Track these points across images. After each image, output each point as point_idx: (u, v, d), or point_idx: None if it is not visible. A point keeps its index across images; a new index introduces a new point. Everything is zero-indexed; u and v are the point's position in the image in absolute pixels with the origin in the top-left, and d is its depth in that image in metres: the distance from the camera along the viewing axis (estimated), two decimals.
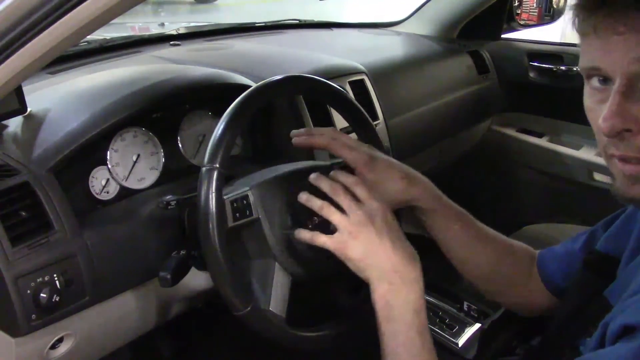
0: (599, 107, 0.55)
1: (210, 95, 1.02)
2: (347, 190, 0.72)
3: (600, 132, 0.55)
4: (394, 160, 0.81)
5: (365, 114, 0.91)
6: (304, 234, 0.72)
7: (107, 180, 0.89)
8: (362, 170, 0.77)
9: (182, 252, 0.80)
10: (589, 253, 0.72)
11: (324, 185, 0.73)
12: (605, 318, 0.54)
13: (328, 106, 1.14)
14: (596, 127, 0.56)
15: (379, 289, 0.67)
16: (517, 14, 1.82)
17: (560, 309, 0.73)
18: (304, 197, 0.74)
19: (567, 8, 1.85)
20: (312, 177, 0.76)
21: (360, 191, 0.71)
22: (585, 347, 0.56)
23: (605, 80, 0.54)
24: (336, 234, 0.69)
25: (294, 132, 0.82)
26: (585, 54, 0.55)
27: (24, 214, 0.72)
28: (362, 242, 0.68)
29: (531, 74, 1.80)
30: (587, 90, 0.57)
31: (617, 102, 0.52)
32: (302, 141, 0.80)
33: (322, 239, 0.70)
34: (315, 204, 0.72)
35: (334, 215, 0.70)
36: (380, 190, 0.76)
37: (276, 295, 0.77)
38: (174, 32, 1.53)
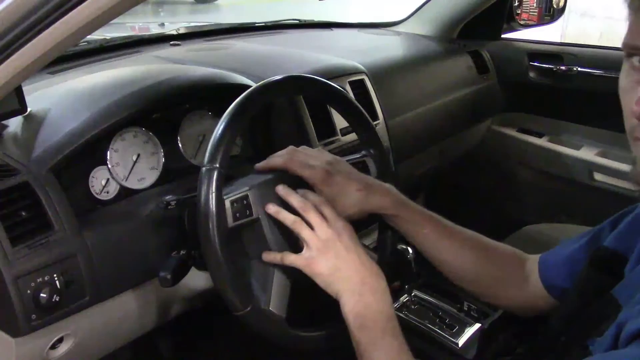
0: (635, 88, 0.53)
1: (210, 95, 1.02)
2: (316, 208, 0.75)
3: (631, 114, 0.53)
4: (354, 173, 0.84)
5: (365, 114, 0.91)
6: (272, 257, 0.75)
7: (107, 180, 0.89)
8: (320, 187, 0.81)
9: (182, 252, 0.80)
10: (597, 250, 0.72)
11: (294, 200, 0.76)
12: (618, 318, 0.53)
13: (328, 106, 1.14)
14: (628, 108, 0.54)
15: (350, 301, 0.70)
16: (517, 14, 1.82)
17: (564, 307, 0.73)
18: (273, 209, 0.76)
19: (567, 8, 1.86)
20: (281, 190, 0.77)
21: (327, 210, 0.75)
22: (596, 346, 0.56)
23: None
24: (305, 251, 0.73)
25: (258, 165, 0.85)
26: (631, 30, 0.54)
27: (24, 214, 0.72)
28: (331, 257, 0.71)
29: (531, 74, 1.80)
30: (625, 68, 0.56)
31: None
32: (262, 166, 0.83)
33: (290, 258, 0.73)
34: (288, 218, 0.74)
35: (305, 231, 0.73)
36: (339, 204, 0.80)
37: (276, 295, 0.77)
38: (174, 32, 1.53)
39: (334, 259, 0.72)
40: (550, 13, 1.84)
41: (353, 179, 0.83)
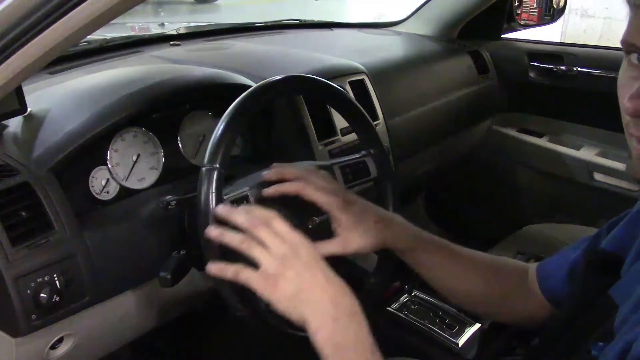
0: (630, 84, 0.54)
1: (210, 95, 1.02)
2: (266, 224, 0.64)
3: (624, 110, 0.54)
4: (369, 204, 0.80)
5: (366, 114, 0.91)
6: (220, 269, 0.65)
7: (107, 180, 0.89)
8: (338, 214, 0.76)
9: (182, 252, 0.80)
10: (594, 252, 0.72)
11: (239, 217, 0.65)
12: (625, 329, 0.53)
13: (328, 106, 1.14)
14: (622, 103, 0.55)
15: (322, 329, 0.59)
16: (517, 14, 1.82)
17: (563, 309, 0.73)
18: (214, 233, 0.66)
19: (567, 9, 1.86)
20: (220, 210, 0.68)
21: (279, 225, 0.64)
22: (600, 354, 0.56)
23: None
24: (260, 271, 0.62)
25: (265, 175, 0.78)
26: (631, 27, 0.54)
27: (24, 214, 0.72)
28: (290, 277, 0.61)
29: (531, 74, 1.80)
30: (624, 64, 0.56)
31: None
32: (272, 193, 0.77)
33: (245, 275, 0.62)
34: (233, 239, 0.64)
35: (255, 250, 0.62)
36: (354, 234, 0.76)
37: None
38: (174, 32, 1.53)
39: (293, 280, 0.60)
40: (550, 13, 1.84)
41: (370, 210, 0.78)
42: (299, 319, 0.61)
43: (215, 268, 0.65)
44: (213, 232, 0.65)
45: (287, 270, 0.61)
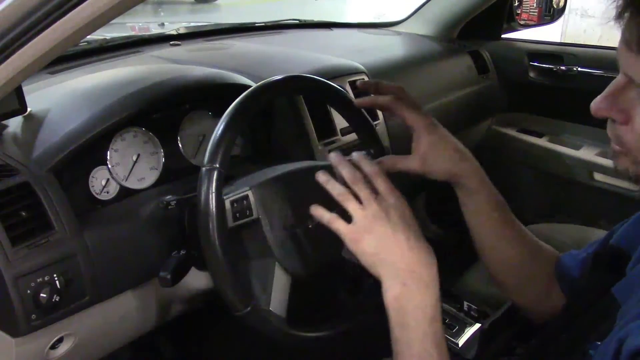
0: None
1: (210, 95, 1.02)
2: (367, 180, 0.68)
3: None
4: (449, 134, 0.80)
5: (365, 114, 0.91)
6: (323, 214, 0.68)
7: (107, 180, 0.89)
8: (421, 134, 0.77)
9: (182, 252, 0.80)
10: (602, 248, 0.72)
11: (345, 170, 0.68)
12: (617, 329, 0.53)
13: (328, 106, 1.14)
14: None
15: (391, 290, 0.63)
16: (517, 14, 1.82)
17: (567, 305, 0.73)
18: (323, 178, 0.68)
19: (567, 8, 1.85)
20: (333, 157, 0.70)
21: (381, 183, 0.67)
22: (597, 352, 0.55)
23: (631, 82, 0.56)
24: (351, 225, 0.65)
25: (360, 83, 0.80)
26: (623, 64, 0.56)
27: (24, 214, 0.72)
28: (375, 236, 0.64)
29: (531, 74, 1.80)
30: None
31: (609, 90, 0.56)
32: (365, 103, 0.80)
33: (337, 224, 0.66)
34: (334, 188, 0.67)
35: (351, 205, 0.66)
36: (434, 156, 0.77)
37: (276, 295, 0.78)
38: (174, 32, 1.53)
39: (377, 240, 0.64)
40: (550, 13, 1.84)
41: (451, 139, 0.78)
42: (376, 275, 0.65)
43: (315, 210, 0.68)
44: (322, 177, 0.69)
45: (373, 229, 0.64)
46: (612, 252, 0.69)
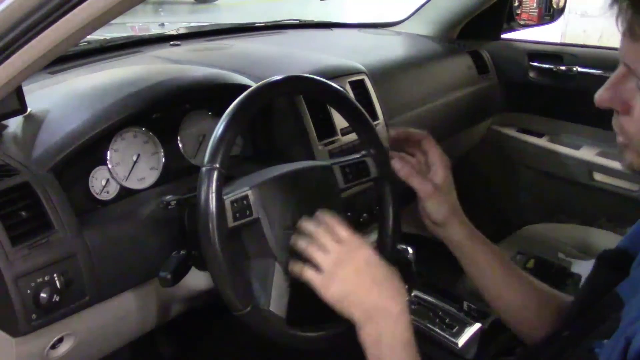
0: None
1: (210, 95, 1.02)
2: (330, 231, 0.73)
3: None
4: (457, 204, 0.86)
5: (366, 114, 0.91)
6: (293, 268, 0.74)
7: (107, 180, 0.89)
8: (441, 169, 0.83)
9: (182, 252, 0.80)
10: (606, 250, 0.72)
11: (309, 226, 0.75)
12: (623, 326, 0.53)
13: (328, 106, 1.14)
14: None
15: (364, 328, 0.68)
16: (517, 14, 1.82)
17: (572, 305, 0.73)
18: (292, 240, 0.76)
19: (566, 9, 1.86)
20: (300, 224, 0.77)
21: (341, 230, 0.73)
22: (604, 350, 0.55)
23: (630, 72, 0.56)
24: (319, 273, 0.71)
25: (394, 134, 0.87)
26: (625, 52, 0.57)
27: (24, 214, 0.72)
28: (340, 281, 0.69)
29: (531, 74, 1.80)
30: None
31: (611, 80, 0.57)
32: (400, 133, 0.87)
33: (307, 274, 0.71)
34: (301, 244, 0.73)
35: (316, 254, 0.71)
36: (443, 190, 0.82)
37: (276, 295, 0.77)
38: (174, 32, 1.53)
39: (342, 284, 0.69)
40: (550, 13, 1.84)
41: (457, 211, 0.84)
42: (348, 317, 0.69)
43: (291, 267, 0.74)
44: (293, 240, 0.75)
45: (337, 275, 0.69)
46: (616, 252, 0.69)
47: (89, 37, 1.23)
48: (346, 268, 0.69)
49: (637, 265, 0.63)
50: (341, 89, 0.92)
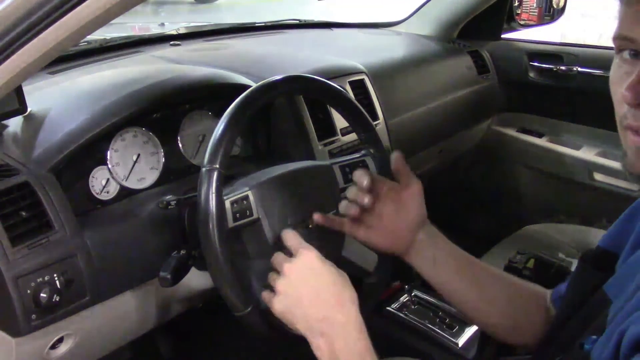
0: (623, 79, 0.54)
1: (210, 95, 1.02)
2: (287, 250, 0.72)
3: (621, 102, 0.54)
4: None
5: (365, 114, 0.91)
6: (264, 295, 0.72)
7: (107, 180, 0.89)
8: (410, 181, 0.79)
9: (182, 252, 0.80)
10: (590, 249, 0.72)
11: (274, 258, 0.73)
12: (614, 324, 0.53)
13: (328, 106, 1.14)
14: (618, 97, 0.55)
15: (314, 342, 0.65)
16: (517, 14, 1.82)
17: (559, 307, 0.73)
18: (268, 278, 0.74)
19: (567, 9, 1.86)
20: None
21: (290, 243, 0.71)
22: (596, 345, 0.55)
23: (637, 54, 0.54)
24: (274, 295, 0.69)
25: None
26: (621, 23, 0.54)
27: (24, 214, 0.72)
28: (283, 298, 0.67)
29: (531, 74, 1.80)
30: (615, 62, 0.57)
31: (637, 77, 0.53)
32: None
33: (264, 298, 0.71)
34: (272, 276, 0.72)
35: (271, 279, 0.70)
36: (412, 199, 0.78)
37: None
38: (174, 32, 1.53)
39: (286, 300, 0.67)
40: (550, 13, 1.84)
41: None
42: (298, 331, 0.67)
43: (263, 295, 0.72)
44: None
45: (284, 291, 0.68)
46: (599, 253, 0.69)
47: (89, 37, 1.23)
48: (286, 284, 0.67)
49: (621, 263, 0.63)
50: (341, 89, 0.92)
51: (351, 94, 1.21)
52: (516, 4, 1.81)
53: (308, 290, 0.66)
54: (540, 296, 0.81)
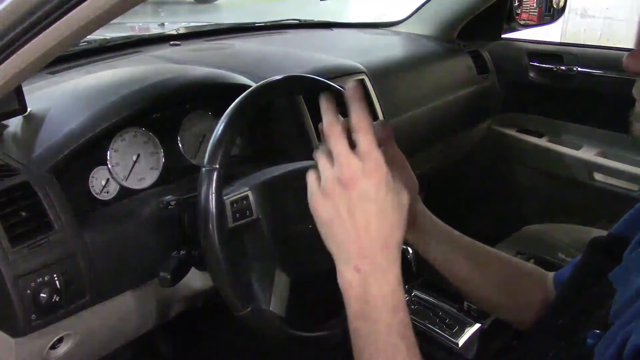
0: None
1: (210, 95, 1.02)
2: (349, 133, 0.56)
3: None
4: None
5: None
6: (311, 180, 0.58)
7: (107, 180, 0.89)
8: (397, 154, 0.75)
9: (182, 252, 0.80)
10: (600, 236, 0.71)
11: (326, 116, 0.59)
12: (619, 323, 0.52)
13: None
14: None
15: (343, 276, 0.55)
16: (517, 14, 1.82)
17: (561, 289, 0.72)
18: (325, 105, 0.61)
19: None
20: (323, 100, 0.61)
21: (362, 138, 0.54)
22: (599, 345, 0.55)
23: None
24: (319, 182, 0.56)
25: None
26: None
27: (24, 214, 0.72)
28: (332, 206, 0.54)
29: (531, 74, 1.80)
30: None
31: None
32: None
33: (309, 177, 0.58)
34: (326, 127, 0.58)
35: (321, 160, 0.57)
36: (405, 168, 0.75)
37: (276, 295, 0.77)
38: (174, 32, 1.53)
39: (333, 211, 0.54)
40: (550, 13, 1.84)
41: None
42: (329, 250, 0.56)
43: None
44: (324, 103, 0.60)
45: (332, 198, 0.54)
46: (610, 238, 0.68)
47: (89, 37, 1.23)
48: (344, 193, 0.54)
49: (630, 251, 0.62)
50: (341, 89, 0.92)
51: None
52: (516, 4, 1.81)
53: (362, 217, 0.54)
54: (540, 276, 0.81)
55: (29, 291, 0.70)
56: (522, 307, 0.79)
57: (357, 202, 0.54)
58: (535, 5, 1.83)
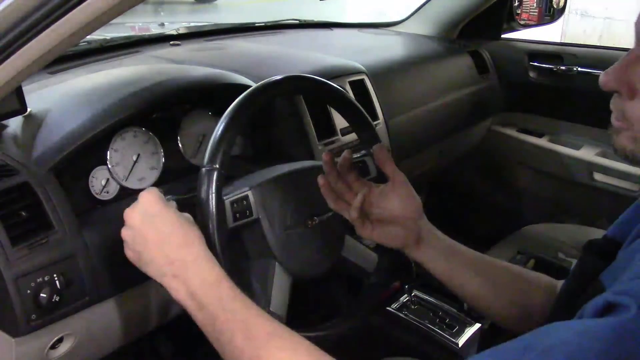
0: None
1: (210, 95, 1.02)
2: None
3: None
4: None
5: (366, 114, 0.91)
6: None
7: (107, 180, 0.89)
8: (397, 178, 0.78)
9: None
10: (594, 239, 0.71)
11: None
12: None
13: (328, 106, 1.14)
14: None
15: (169, 285, 0.64)
16: (517, 14, 1.82)
17: (559, 295, 0.72)
18: None
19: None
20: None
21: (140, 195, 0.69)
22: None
23: None
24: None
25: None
26: None
27: (24, 214, 0.72)
28: (131, 245, 0.67)
29: (531, 74, 1.80)
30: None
31: (621, 62, 0.55)
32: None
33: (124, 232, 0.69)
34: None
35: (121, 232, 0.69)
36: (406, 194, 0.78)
37: (276, 295, 0.77)
38: (174, 32, 1.53)
39: (133, 246, 0.66)
40: (550, 13, 1.84)
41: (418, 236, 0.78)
42: (154, 278, 0.66)
43: None
44: None
45: (127, 238, 0.67)
46: (604, 240, 0.68)
47: (89, 37, 1.23)
48: (135, 229, 0.66)
49: (621, 251, 0.62)
50: (341, 89, 0.92)
51: (351, 94, 1.21)
52: (516, 4, 1.81)
53: (152, 234, 0.65)
54: (550, 286, 0.80)
55: (29, 291, 0.70)
56: (534, 319, 0.78)
57: (142, 228, 0.65)
58: (535, 5, 1.83)
